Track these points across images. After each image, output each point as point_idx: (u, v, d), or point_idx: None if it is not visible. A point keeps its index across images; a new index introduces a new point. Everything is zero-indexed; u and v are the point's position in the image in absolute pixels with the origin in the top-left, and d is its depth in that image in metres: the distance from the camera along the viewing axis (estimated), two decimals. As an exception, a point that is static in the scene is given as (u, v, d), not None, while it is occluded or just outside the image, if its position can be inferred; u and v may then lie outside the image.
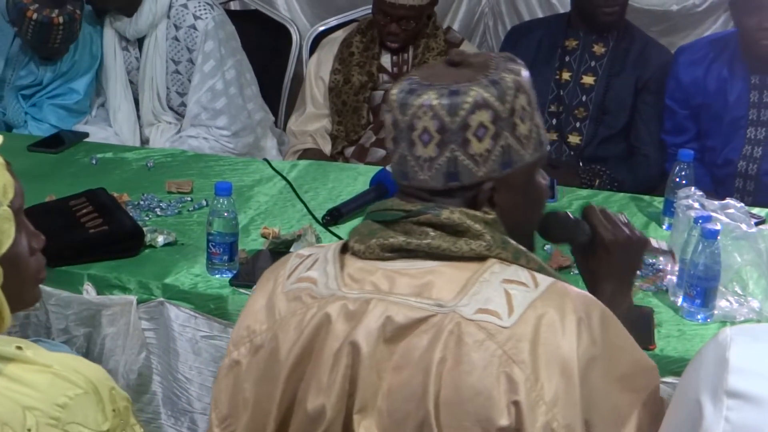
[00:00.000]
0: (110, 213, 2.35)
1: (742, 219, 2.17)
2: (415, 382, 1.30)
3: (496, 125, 1.36)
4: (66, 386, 1.17)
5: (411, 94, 1.38)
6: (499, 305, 1.30)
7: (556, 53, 3.25)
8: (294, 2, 3.94)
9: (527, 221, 1.49)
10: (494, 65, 1.40)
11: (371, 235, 1.39)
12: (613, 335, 1.36)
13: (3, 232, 1.22)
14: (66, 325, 2.21)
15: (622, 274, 1.65)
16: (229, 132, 3.29)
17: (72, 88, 3.37)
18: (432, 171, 1.37)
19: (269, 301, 1.43)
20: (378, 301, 1.34)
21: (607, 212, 1.66)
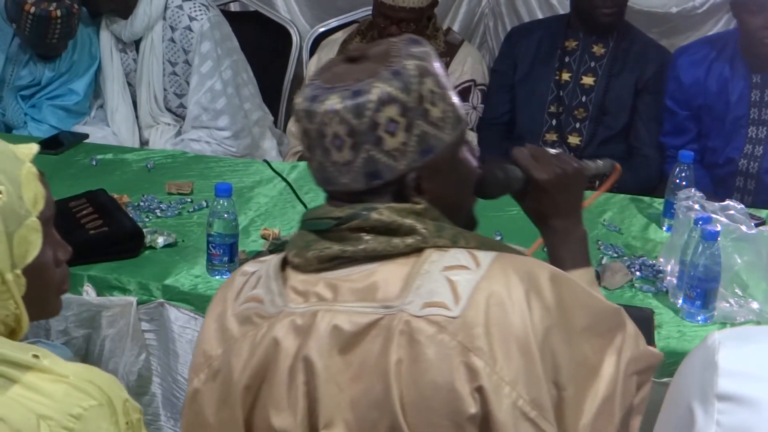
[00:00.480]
0: (110, 214, 2.35)
1: (742, 220, 2.17)
2: (377, 388, 1.28)
3: (406, 117, 1.33)
4: (81, 397, 1.18)
5: (314, 101, 1.34)
6: (444, 296, 1.29)
7: (555, 54, 3.25)
8: (294, 3, 3.94)
9: (462, 198, 1.47)
10: (395, 52, 1.36)
11: (307, 247, 1.37)
12: (566, 295, 1.34)
13: (30, 243, 1.23)
14: (66, 326, 2.20)
15: (567, 209, 1.60)
16: (230, 132, 3.29)
17: (71, 88, 3.37)
18: (352, 174, 1.35)
19: (221, 325, 1.41)
20: (325, 312, 1.32)
21: (536, 150, 1.62)
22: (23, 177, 1.24)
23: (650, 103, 3.19)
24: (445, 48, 3.39)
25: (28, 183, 1.25)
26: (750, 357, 1.12)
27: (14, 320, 1.24)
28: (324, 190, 1.42)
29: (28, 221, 1.23)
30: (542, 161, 1.59)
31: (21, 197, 1.22)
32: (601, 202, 2.66)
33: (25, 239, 1.23)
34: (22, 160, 1.26)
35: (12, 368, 1.17)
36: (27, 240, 1.23)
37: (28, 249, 1.23)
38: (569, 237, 1.59)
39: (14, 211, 1.21)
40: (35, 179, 1.26)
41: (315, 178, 1.42)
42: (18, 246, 1.22)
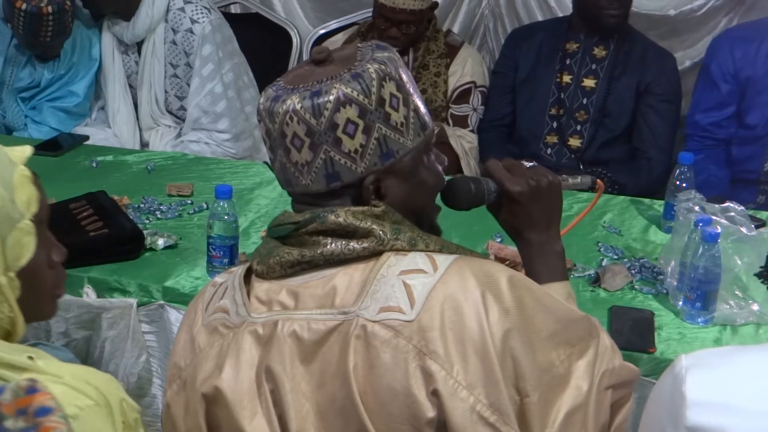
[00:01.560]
0: (110, 216, 2.35)
1: (742, 222, 2.17)
2: (340, 395, 1.28)
3: (365, 119, 1.33)
4: (77, 397, 1.18)
5: (276, 102, 1.36)
6: (400, 300, 1.28)
7: (556, 56, 3.25)
8: (295, 5, 3.94)
9: (424, 205, 1.46)
10: (360, 56, 1.37)
11: (269, 254, 1.38)
12: (527, 299, 1.33)
13: (23, 246, 1.23)
14: (66, 328, 2.20)
15: (543, 221, 1.58)
16: (230, 135, 3.29)
17: (71, 90, 3.37)
18: (312, 175, 1.36)
19: (191, 336, 1.43)
20: (284, 321, 1.33)
21: (510, 162, 1.60)
22: (16, 180, 1.24)
23: (653, 105, 3.19)
24: (445, 49, 3.39)
25: (21, 186, 1.25)
26: (716, 385, 1.12)
27: (9, 323, 1.24)
28: (288, 193, 1.43)
29: (21, 224, 1.23)
30: (516, 173, 1.57)
31: (14, 200, 1.22)
32: (601, 204, 2.66)
33: (18, 242, 1.23)
34: (15, 162, 1.26)
35: (8, 370, 1.17)
36: (20, 243, 1.23)
37: (21, 252, 1.23)
38: (544, 251, 1.57)
39: (7, 215, 1.21)
40: (28, 182, 1.26)
41: (278, 179, 1.43)
42: (11, 249, 1.22)
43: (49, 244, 1.31)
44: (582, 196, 2.73)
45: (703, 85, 3.15)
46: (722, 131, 3.11)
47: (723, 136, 3.12)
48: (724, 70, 3.10)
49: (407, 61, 3.40)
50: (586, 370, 1.36)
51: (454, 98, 3.39)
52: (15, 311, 1.24)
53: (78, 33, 3.30)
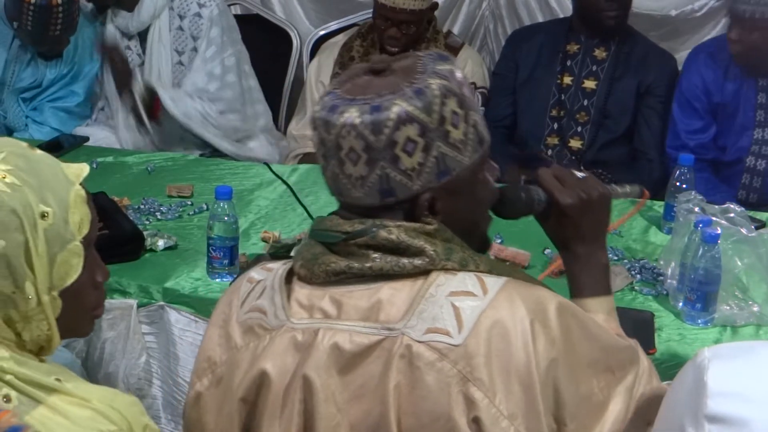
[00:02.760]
0: (110, 217, 2.35)
1: (742, 223, 2.17)
2: (375, 412, 1.27)
3: (425, 137, 1.29)
4: (102, 422, 1.18)
5: (333, 112, 1.32)
6: (447, 322, 1.26)
7: (557, 58, 3.25)
8: (296, 5, 3.94)
9: (477, 219, 1.44)
10: (421, 68, 1.32)
11: (314, 260, 1.35)
12: (574, 327, 1.32)
13: (71, 267, 1.23)
14: (66, 329, 2.20)
15: (591, 235, 1.56)
16: (217, 110, 3.31)
17: (73, 90, 3.38)
18: (365, 189, 1.32)
19: (225, 331, 1.40)
20: (326, 330, 1.30)
21: (561, 172, 1.57)
22: (71, 200, 1.24)
23: (654, 106, 3.19)
24: (445, 51, 3.39)
25: (75, 206, 1.24)
26: (739, 376, 1.12)
27: (45, 340, 1.24)
28: (336, 200, 1.39)
29: (72, 245, 1.22)
30: (567, 184, 1.54)
31: (67, 221, 1.22)
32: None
33: (67, 263, 1.22)
34: (72, 181, 1.25)
35: (38, 389, 1.17)
36: (68, 263, 1.22)
37: (68, 272, 1.22)
38: (590, 263, 1.55)
39: (59, 234, 1.20)
40: (83, 202, 1.26)
41: (328, 186, 1.39)
42: (59, 269, 1.21)
43: (95, 264, 1.30)
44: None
45: (680, 106, 3.14)
46: (708, 152, 3.11)
47: (710, 156, 3.12)
48: (696, 92, 3.11)
49: (407, 62, 3.40)
50: (624, 394, 1.35)
51: (455, 99, 3.39)
52: (53, 330, 1.23)
53: (80, 32, 3.31)
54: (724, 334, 2.03)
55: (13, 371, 1.16)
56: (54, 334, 1.24)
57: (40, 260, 1.18)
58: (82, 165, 1.29)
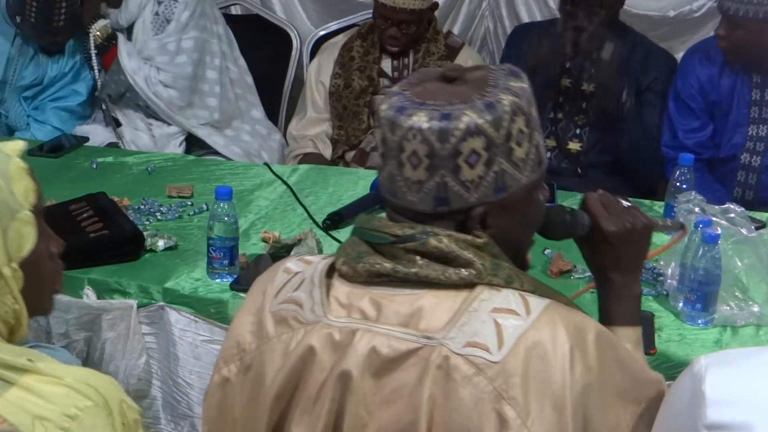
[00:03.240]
0: (110, 217, 2.35)
1: (742, 223, 2.17)
2: (406, 419, 1.26)
3: (489, 152, 1.30)
4: (77, 398, 1.18)
5: (401, 113, 1.31)
6: (488, 338, 1.26)
7: (556, 60, 3.23)
8: (297, 6, 3.94)
9: (523, 239, 1.45)
10: (493, 82, 1.32)
11: (358, 258, 1.34)
12: (609, 357, 1.32)
13: (24, 236, 1.24)
14: (66, 329, 2.20)
15: (629, 265, 1.56)
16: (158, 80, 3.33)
17: (75, 89, 3.38)
18: (420, 194, 1.32)
19: (257, 318, 1.40)
20: (364, 332, 1.30)
21: (608, 199, 1.57)
22: (12, 171, 1.25)
23: (651, 100, 3.17)
24: (445, 51, 3.39)
25: (18, 177, 1.25)
26: (736, 382, 1.12)
27: (13, 316, 1.25)
28: (387, 201, 1.38)
29: (21, 214, 1.24)
30: (612, 212, 1.55)
31: (12, 191, 1.23)
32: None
33: (19, 232, 1.23)
34: (9, 155, 1.27)
35: (9, 371, 1.17)
36: (21, 233, 1.23)
37: (22, 242, 1.24)
38: (624, 294, 1.55)
39: (7, 205, 1.22)
40: (24, 173, 1.27)
41: (381, 185, 1.38)
42: (13, 240, 1.23)
43: (48, 235, 1.32)
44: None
45: (677, 106, 3.15)
46: (706, 151, 3.12)
47: (707, 155, 3.12)
48: (692, 91, 3.11)
49: (407, 63, 3.40)
50: (647, 429, 1.34)
51: (455, 100, 3.39)
52: (19, 303, 1.24)
53: (80, 32, 3.32)
54: (724, 335, 2.03)
55: None
56: (21, 308, 1.25)
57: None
58: (17, 141, 1.31)
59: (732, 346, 1.99)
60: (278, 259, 2.21)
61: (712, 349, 1.99)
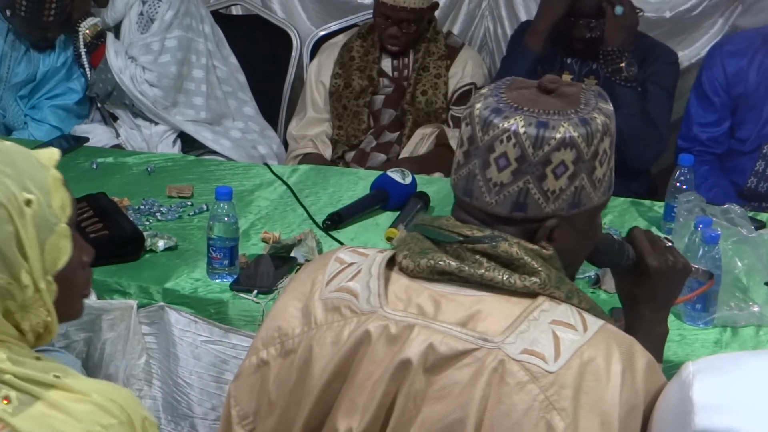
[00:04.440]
0: (110, 217, 2.35)
1: (742, 224, 2.17)
2: (453, 417, 1.27)
3: (576, 166, 1.33)
4: (101, 416, 1.18)
5: (497, 114, 1.33)
6: (545, 347, 1.27)
7: (557, 56, 3.23)
8: (297, 6, 3.94)
9: (579, 259, 1.47)
10: (585, 100, 1.36)
11: (423, 254, 1.35)
12: (653, 384, 1.33)
13: (60, 249, 1.23)
14: (66, 329, 2.20)
15: (662, 301, 1.62)
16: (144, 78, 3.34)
17: (71, 87, 3.38)
18: (500, 197, 1.34)
19: (305, 306, 1.39)
20: (422, 328, 1.30)
21: (652, 236, 1.62)
22: (50, 184, 1.24)
23: (650, 89, 3.14)
24: (445, 51, 3.39)
25: (55, 189, 1.24)
26: (724, 388, 1.12)
27: (44, 327, 1.24)
28: (458, 200, 1.40)
29: (58, 228, 1.23)
30: (657, 248, 1.59)
31: (50, 205, 1.22)
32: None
33: (56, 246, 1.22)
34: (47, 166, 1.26)
35: (35, 386, 1.17)
36: (57, 247, 1.23)
37: (58, 255, 1.23)
38: (652, 330, 1.59)
39: (45, 219, 1.21)
40: (61, 185, 1.26)
41: (456, 184, 1.39)
42: (49, 253, 1.22)
43: (80, 245, 1.31)
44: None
45: (698, 99, 3.16)
46: (719, 146, 3.14)
47: (720, 150, 3.14)
48: (716, 84, 3.13)
49: (407, 63, 3.40)
50: None
51: (455, 100, 3.39)
52: (52, 315, 1.24)
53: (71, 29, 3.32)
54: (724, 335, 2.03)
55: (11, 371, 1.16)
56: (53, 319, 1.24)
57: (32, 247, 1.19)
58: (52, 149, 1.30)
59: (732, 347, 1.99)
60: (278, 259, 2.22)
61: (713, 349, 1.99)
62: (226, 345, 2.12)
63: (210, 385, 2.15)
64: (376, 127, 3.39)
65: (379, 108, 3.40)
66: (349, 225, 2.46)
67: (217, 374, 2.14)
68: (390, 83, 3.40)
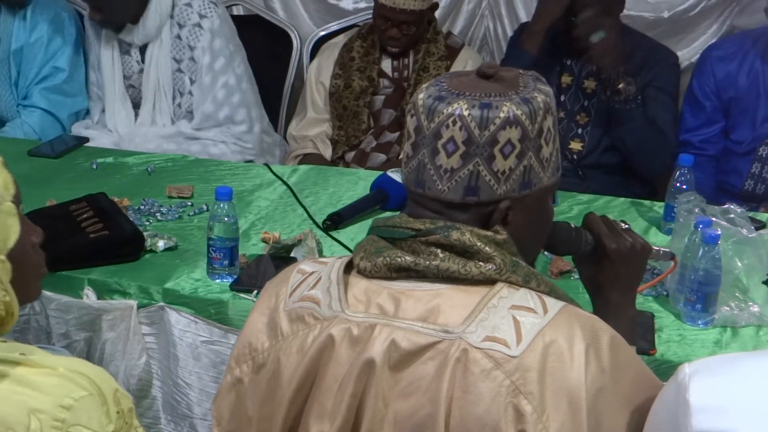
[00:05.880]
0: (111, 218, 2.35)
1: (742, 224, 2.17)
2: (423, 412, 1.28)
3: (523, 144, 1.34)
4: (71, 388, 1.18)
5: (440, 101, 1.35)
6: (507, 333, 1.28)
7: (557, 57, 3.23)
8: (299, 6, 3.94)
9: (535, 243, 1.47)
10: (524, 83, 1.38)
11: (378, 253, 1.36)
12: (622, 360, 1.34)
13: (9, 227, 1.24)
14: (66, 329, 2.21)
15: (626, 283, 1.63)
16: (246, 127, 3.32)
17: (56, 66, 3.37)
18: (452, 182, 1.35)
19: (271, 319, 1.41)
20: (383, 327, 1.31)
21: (608, 220, 1.63)
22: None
23: (652, 95, 3.13)
24: (445, 52, 3.39)
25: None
26: (720, 390, 1.12)
27: (4, 308, 1.24)
28: (410, 193, 1.41)
29: (4, 206, 1.24)
30: (614, 231, 1.61)
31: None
32: (600, 206, 2.66)
33: (4, 224, 1.23)
34: None
35: (3, 365, 1.17)
36: (5, 225, 1.24)
37: (8, 234, 1.24)
38: (619, 313, 1.59)
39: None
40: (1, 167, 1.28)
41: (407, 177, 1.41)
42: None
43: (27, 225, 1.32)
44: (582, 198, 2.73)
45: (689, 103, 3.17)
46: (712, 147, 3.15)
47: (713, 151, 3.15)
48: (706, 89, 3.14)
49: (407, 63, 3.40)
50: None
51: (455, 100, 3.39)
52: (10, 294, 1.25)
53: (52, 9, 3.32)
54: (724, 335, 2.03)
55: None
56: (12, 299, 1.25)
57: None
58: None
59: (732, 347, 1.99)
60: (278, 259, 2.22)
61: (713, 349, 1.99)
62: (226, 345, 2.12)
63: (210, 386, 2.15)
64: (376, 127, 3.39)
65: (379, 108, 3.40)
66: (349, 225, 2.46)
67: (217, 375, 2.14)
68: (390, 84, 3.40)
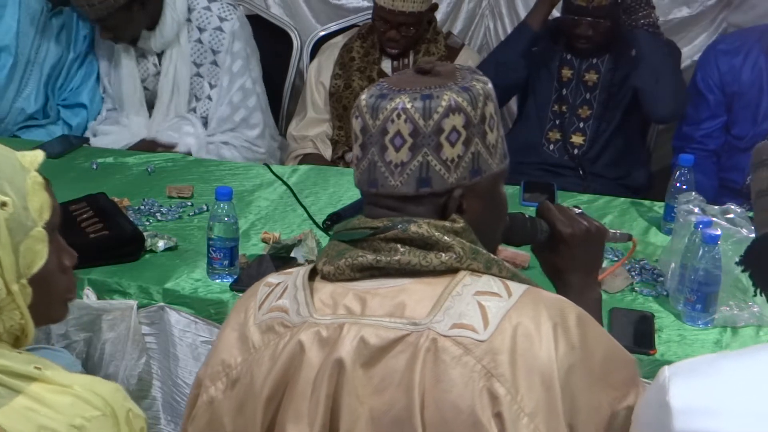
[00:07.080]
0: (111, 218, 2.35)
1: (742, 224, 2.17)
2: (399, 405, 1.28)
3: (468, 131, 1.36)
4: (84, 408, 1.18)
5: (383, 99, 1.37)
6: (473, 318, 1.29)
7: (557, 51, 3.22)
8: (303, 5, 3.94)
9: (492, 231, 1.48)
10: (461, 76, 1.40)
11: (339, 255, 1.37)
12: (590, 337, 1.35)
13: (36, 253, 1.23)
14: (66, 330, 2.20)
15: (587, 266, 1.65)
16: (259, 130, 3.32)
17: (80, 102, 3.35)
18: (403, 176, 1.36)
19: (242, 334, 1.41)
20: (351, 326, 1.32)
21: (561, 207, 1.67)
22: (29, 187, 1.24)
23: None
24: (445, 52, 3.39)
25: (33, 193, 1.25)
26: (700, 391, 1.12)
27: (19, 329, 1.24)
28: (365, 194, 1.42)
29: (34, 232, 1.23)
30: (567, 216, 1.64)
31: (27, 208, 1.22)
32: (601, 206, 2.66)
33: (31, 250, 1.22)
34: (28, 169, 1.26)
35: (16, 379, 1.17)
36: (33, 250, 1.23)
37: (34, 259, 1.23)
38: (583, 295, 1.61)
39: (20, 223, 1.21)
40: (41, 188, 1.26)
41: (359, 179, 1.42)
42: (24, 257, 1.22)
43: (61, 249, 1.30)
44: (582, 198, 2.73)
45: (692, 97, 3.16)
46: (713, 141, 3.15)
47: (714, 146, 3.15)
48: (710, 82, 3.14)
49: (407, 64, 3.40)
50: (626, 412, 1.37)
51: (455, 100, 3.39)
52: (26, 318, 1.24)
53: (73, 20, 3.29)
54: (724, 335, 2.03)
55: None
56: (28, 322, 1.24)
57: (4, 250, 1.19)
58: (36, 152, 1.31)
59: (732, 347, 1.99)
60: (278, 259, 2.22)
61: (712, 349, 1.99)
62: (226, 345, 2.12)
63: (210, 386, 2.14)
64: (377, 127, 3.39)
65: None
66: (349, 225, 2.46)
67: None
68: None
